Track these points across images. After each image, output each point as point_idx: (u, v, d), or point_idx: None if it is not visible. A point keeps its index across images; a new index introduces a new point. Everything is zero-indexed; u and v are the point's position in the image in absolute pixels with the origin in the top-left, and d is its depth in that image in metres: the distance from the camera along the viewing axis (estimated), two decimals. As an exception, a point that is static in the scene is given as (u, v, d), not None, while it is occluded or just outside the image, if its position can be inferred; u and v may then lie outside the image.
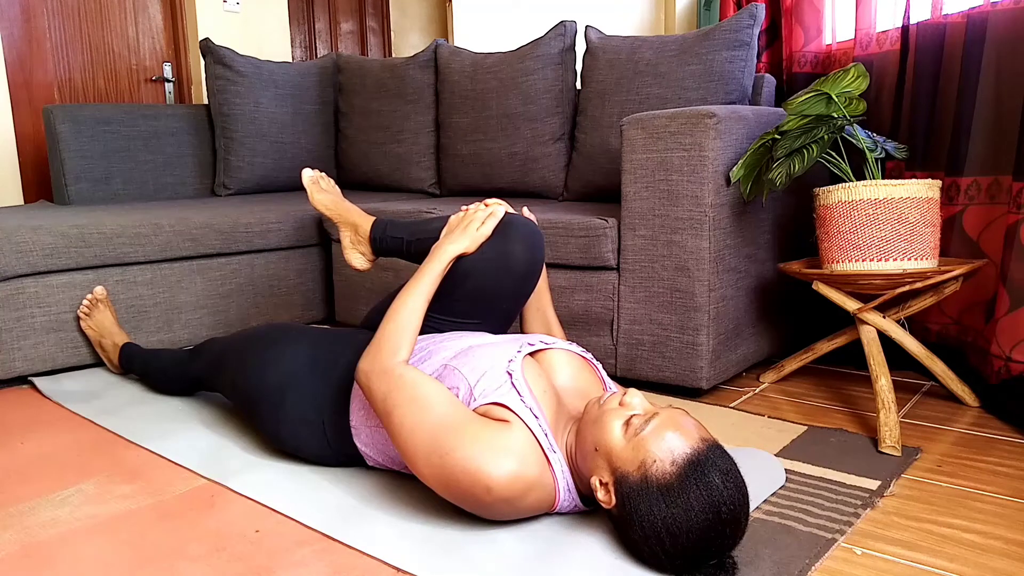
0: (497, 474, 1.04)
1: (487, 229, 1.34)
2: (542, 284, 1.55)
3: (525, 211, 1.51)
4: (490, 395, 1.13)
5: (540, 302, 1.55)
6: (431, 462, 1.08)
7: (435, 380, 1.16)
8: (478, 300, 1.37)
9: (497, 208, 1.37)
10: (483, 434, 1.07)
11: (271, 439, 1.42)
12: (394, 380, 1.15)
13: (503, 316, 1.43)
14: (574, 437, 1.13)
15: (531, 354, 1.28)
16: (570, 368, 1.29)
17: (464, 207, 1.40)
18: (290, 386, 1.38)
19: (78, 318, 2.04)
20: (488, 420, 1.10)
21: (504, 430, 1.08)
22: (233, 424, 1.65)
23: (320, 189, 1.70)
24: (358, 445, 1.31)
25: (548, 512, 1.16)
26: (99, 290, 2.04)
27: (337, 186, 1.76)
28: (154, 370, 1.85)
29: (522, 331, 1.58)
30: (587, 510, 1.18)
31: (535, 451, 1.09)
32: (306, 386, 1.37)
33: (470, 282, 1.34)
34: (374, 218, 1.63)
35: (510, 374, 1.16)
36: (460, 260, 1.34)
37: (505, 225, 1.35)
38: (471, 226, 1.34)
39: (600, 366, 1.35)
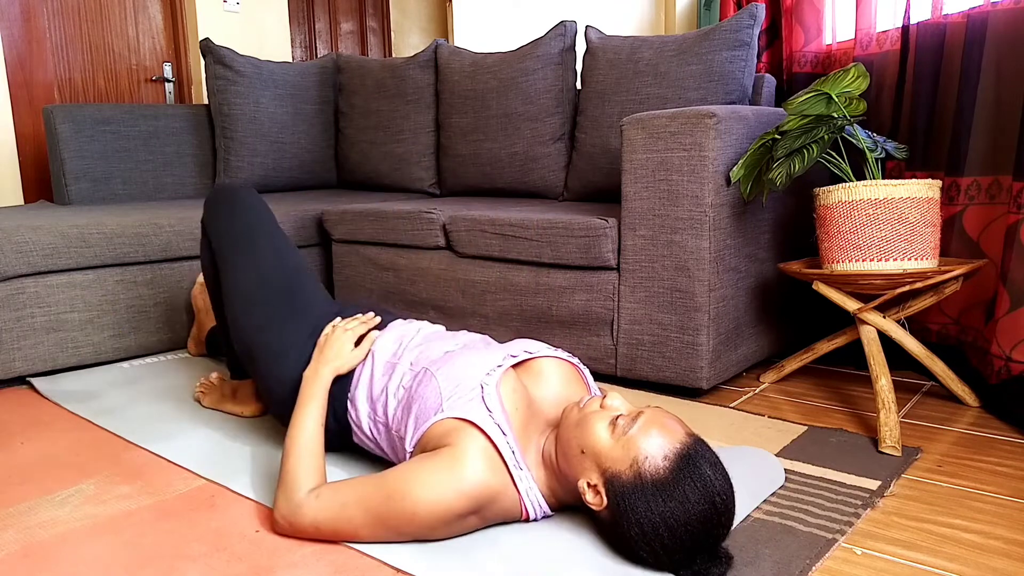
0: (461, 500, 1.06)
1: (361, 352, 1.33)
2: None
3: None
4: (456, 409, 1.13)
5: None
6: (403, 532, 1.09)
7: (345, 482, 1.14)
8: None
9: (360, 328, 1.38)
10: (431, 477, 1.06)
11: (272, 404, 1.43)
12: (311, 505, 1.12)
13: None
14: (553, 444, 1.13)
15: (517, 364, 1.28)
16: (557, 377, 1.28)
17: (332, 324, 1.39)
18: (288, 355, 1.40)
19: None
20: (425, 457, 1.10)
21: (449, 456, 1.08)
22: (233, 424, 1.65)
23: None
24: (352, 426, 1.33)
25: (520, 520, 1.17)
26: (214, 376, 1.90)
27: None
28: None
29: None
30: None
31: (497, 468, 1.09)
32: (303, 359, 1.38)
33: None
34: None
35: (482, 387, 1.15)
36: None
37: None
38: (344, 346, 1.33)
39: (587, 371, 1.34)
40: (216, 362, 2.14)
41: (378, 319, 1.42)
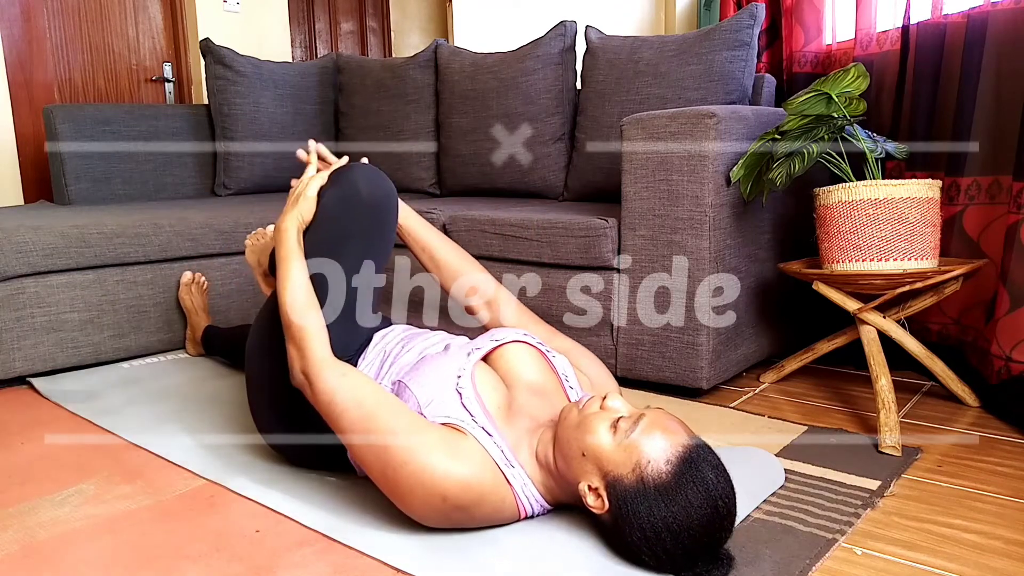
0: (449, 482, 1.04)
1: (312, 191, 1.32)
2: (413, 225, 1.51)
3: (363, 160, 1.44)
4: (439, 418, 1.12)
5: (420, 241, 1.51)
6: (386, 475, 1.08)
7: (370, 384, 1.13)
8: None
9: (315, 174, 1.36)
10: (433, 444, 1.06)
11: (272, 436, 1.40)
12: (336, 379, 1.11)
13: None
14: (549, 445, 1.12)
15: (486, 356, 1.26)
16: (529, 364, 1.27)
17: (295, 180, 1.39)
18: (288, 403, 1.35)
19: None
20: (437, 427, 1.10)
21: (456, 438, 1.08)
22: (233, 425, 1.65)
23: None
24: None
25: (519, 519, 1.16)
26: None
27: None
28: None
29: (425, 269, 1.54)
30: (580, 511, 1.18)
31: (490, 466, 1.08)
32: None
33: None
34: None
35: (459, 392, 1.14)
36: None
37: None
38: (294, 195, 1.33)
39: (553, 355, 1.32)
40: (215, 362, 2.14)
41: (343, 160, 1.40)
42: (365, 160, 1.43)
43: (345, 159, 1.41)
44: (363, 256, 1.33)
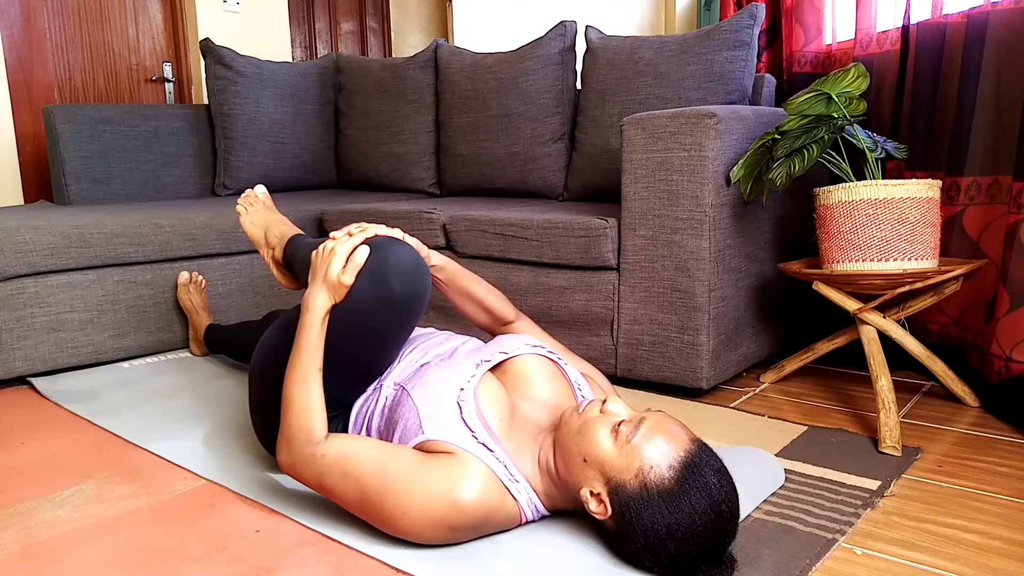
0: (455, 513, 1.04)
1: (349, 278, 1.16)
2: (453, 273, 1.41)
3: (406, 238, 1.28)
4: (438, 431, 1.10)
5: (460, 287, 1.42)
6: (390, 526, 1.08)
7: (361, 440, 1.13)
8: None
9: (361, 247, 1.19)
10: (430, 486, 1.05)
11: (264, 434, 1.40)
12: (318, 463, 1.11)
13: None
14: (550, 451, 1.11)
15: (495, 366, 1.25)
16: (540, 375, 1.25)
17: (333, 234, 1.23)
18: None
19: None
20: (429, 459, 1.08)
21: (455, 464, 1.06)
22: (233, 425, 1.65)
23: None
24: None
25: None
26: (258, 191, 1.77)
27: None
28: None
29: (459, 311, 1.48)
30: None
31: (494, 484, 1.08)
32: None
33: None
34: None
35: (460, 406, 1.12)
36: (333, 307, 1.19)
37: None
38: (330, 273, 1.17)
39: (567, 365, 1.31)
40: (215, 362, 2.14)
41: (375, 229, 1.24)
42: (406, 237, 1.29)
43: (383, 228, 1.26)
44: (377, 351, 1.25)
